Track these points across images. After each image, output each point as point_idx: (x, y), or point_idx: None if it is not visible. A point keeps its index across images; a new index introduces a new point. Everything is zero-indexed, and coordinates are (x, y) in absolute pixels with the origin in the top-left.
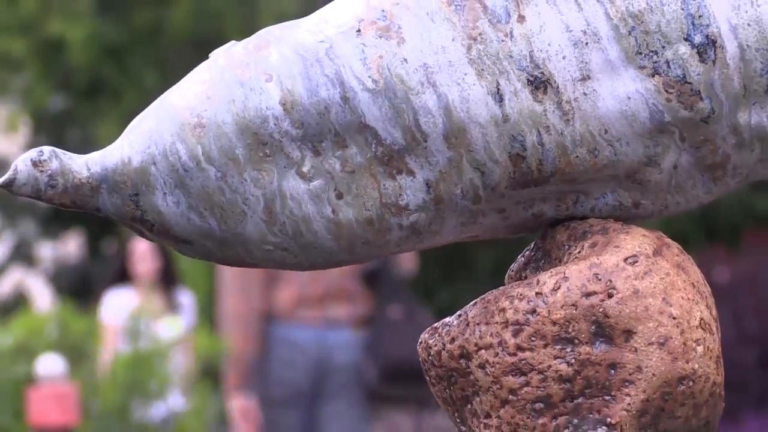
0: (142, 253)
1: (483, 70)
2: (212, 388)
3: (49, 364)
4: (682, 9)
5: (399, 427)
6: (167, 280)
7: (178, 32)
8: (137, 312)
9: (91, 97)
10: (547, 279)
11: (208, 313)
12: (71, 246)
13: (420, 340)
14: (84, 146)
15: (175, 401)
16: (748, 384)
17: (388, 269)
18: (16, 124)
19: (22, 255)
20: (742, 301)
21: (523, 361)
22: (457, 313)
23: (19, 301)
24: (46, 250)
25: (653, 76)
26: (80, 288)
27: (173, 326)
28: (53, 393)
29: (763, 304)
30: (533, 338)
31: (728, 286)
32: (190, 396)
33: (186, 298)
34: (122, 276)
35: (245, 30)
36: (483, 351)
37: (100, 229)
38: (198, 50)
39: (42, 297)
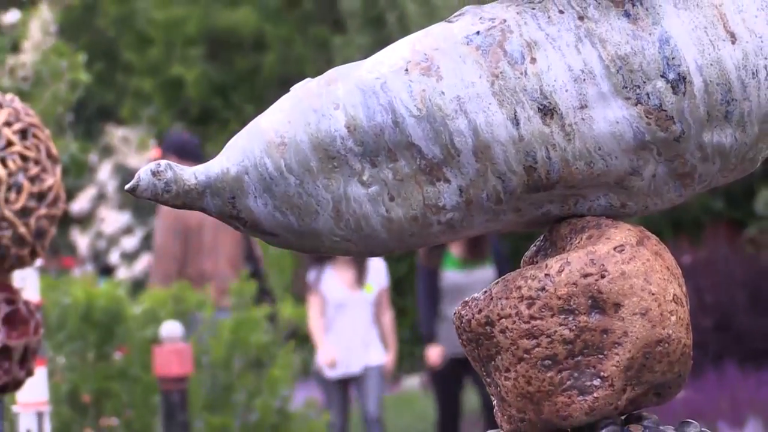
0: None
1: (503, 100)
2: (296, 348)
3: (171, 328)
4: (659, 52)
5: None
6: None
7: (270, 74)
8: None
9: (202, 124)
10: (554, 263)
11: (293, 289)
12: None
13: (455, 312)
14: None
15: (374, 355)
16: (707, 344)
17: None
18: (146, 144)
19: (150, 244)
20: (702, 280)
21: (534, 328)
22: (483, 290)
23: (147, 279)
24: None
25: (636, 105)
26: None
27: (368, 292)
28: (173, 350)
29: (717, 282)
30: (543, 310)
31: (691, 268)
32: (389, 350)
33: (379, 263)
34: (320, 257)
35: (322, 71)
36: (503, 320)
37: None
38: (286, 87)
39: None
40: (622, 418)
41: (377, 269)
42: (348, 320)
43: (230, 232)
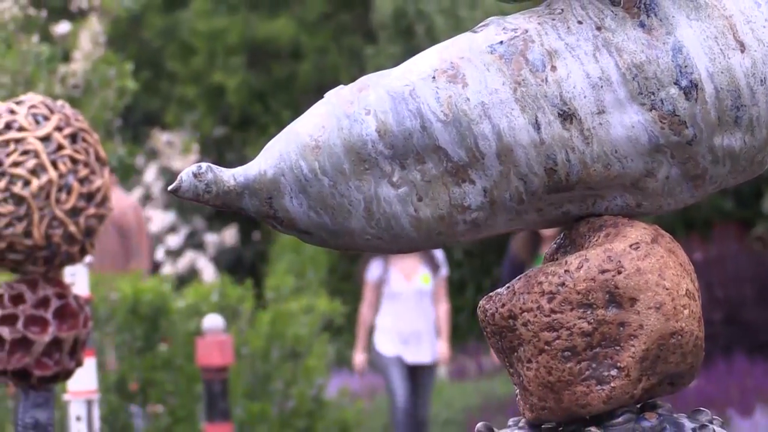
0: None
1: (525, 106)
2: (330, 339)
3: (212, 321)
4: (672, 61)
5: None
6: None
7: (306, 81)
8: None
9: (243, 129)
10: (573, 260)
11: (327, 284)
12: (229, 235)
13: (479, 305)
14: (238, 165)
15: (429, 350)
16: (717, 336)
17: None
18: (190, 148)
19: (193, 242)
20: (713, 276)
21: (555, 321)
22: (507, 285)
23: (191, 275)
24: (211, 238)
25: (651, 110)
26: (235, 266)
27: (425, 280)
28: (215, 342)
29: (727, 278)
30: (563, 304)
31: (702, 265)
32: (443, 341)
33: (440, 254)
34: None
35: (354, 79)
36: (525, 313)
37: (250, 223)
38: (321, 94)
39: (207, 272)
40: (638, 406)
41: (436, 260)
42: (403, 311)
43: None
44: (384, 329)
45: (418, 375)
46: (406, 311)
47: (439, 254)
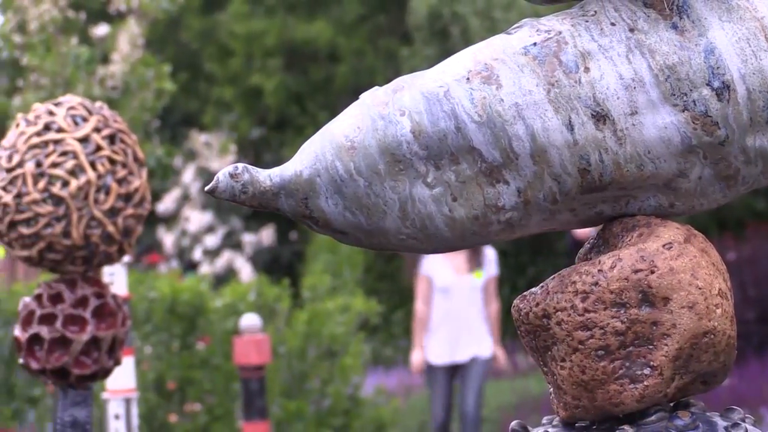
0: None
1: (559, 107)
2: (366, 338)
3: (250, 320)
4: (705, 62)
5: None
6: None
7: (343, 83)
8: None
9: (280, 130)
10: (607, 260)
11: (363, 283)
12: (266, 235)
13: (513, 305)
14: (275, 166)
15: (481, 347)
16: (750, 335)
17: None
18: (227, 149)
19: (231, 242)
20: (745, 275)
21: (588, 320)
22: (541, 284)
23: (228, 275)
24: (248, 238)
25: (683, 111)
26: (272, 265)
27: (476, 278)
28: (252, 341)
29: (760, 277)
30: (596, 303)
31: (735, 264)
32: (497, 340)
33: (491, 252)
34: None
35: (391, 80)
36: (559, 312)
37: (287, 223)
38: (357, 96)
39: (245, 272)
40: (671, 405)
41: (488, 257)
42: (454, 306)
43: None
44: (434, 328)
45: (469, 369)
46: (458, 307)
47: (489, 252)
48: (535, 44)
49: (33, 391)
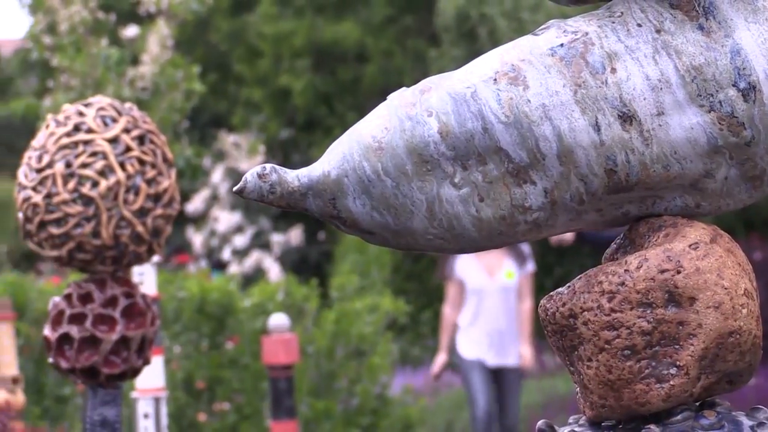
0: None
1: (585, 108)
2: (394, 338)
3: (278, 320)
4: (731, 63)
5: None
6: None
7: (371, 84)
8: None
9: (308, 130)
10: (633, 260)
11: (391, 283)
12: (294, 235)
13: (540, 305)
14: (303, 166)
15: (515, 352)
16: None
17: None
18: (256, 150)
19: (260, 242)
20: None
21: (615, 320)
22: (567, 284)
23: (257, 275)
24: (277, 238)
25: (710, 112)
26: (300, 265)
27: (509, 275)
28: (281, 340)
29: None
30: (622, 303)
31: (761, 265)
32: (524, 341)
33: (526, 247)
34: None
35: (418, 81)
36: (586, 312)
37: (315, 223)
38: (386, 96)
39: (273, 271)
40: (697, 404)
41: (523, 254)
42: (486, 308)
43: None
44: (466, 329)
45: (503, 379)
46: (489, 309)
47: (526, 248)
48: (561, 45)
49: (63, 391)
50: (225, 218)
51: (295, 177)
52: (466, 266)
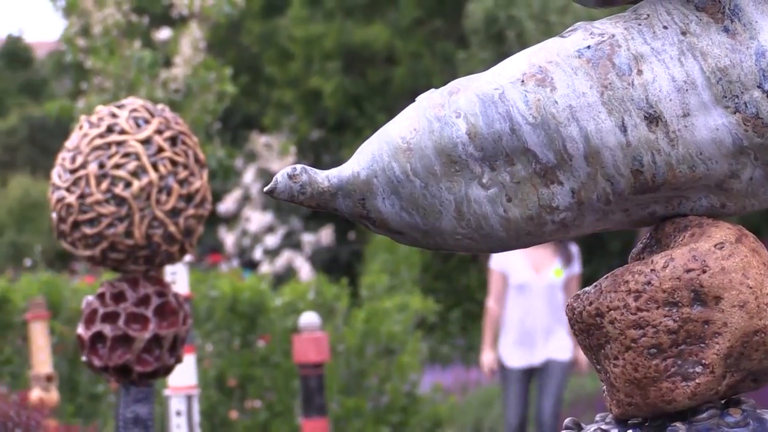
0: None
1: (612, 109)
2: (423, 336)
3: (309, 318)
4: (756, 65)
5: None
6: None
7: (400, 85)
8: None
9: (339, 131)
10: (659, 259)
11: (421, 282)
12: (325, 235)
13: (567, 303)
14: (334, 167)
15: (559, 348)
16: None
17: None
18: (287, 151)
19: (291, 242)
20: None
21: (641, 319)
22: (594, 284)
23: (288, 274)
24: (308, 238)
25: (735, 113)
26: (331, 265)
27: (558, 273)
28: (311, 339)
29: None
30: (649, 302)
31: None
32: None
33: (574, 248)
34: None
35: (447, 83)
36: (612, 311)
37: (345, 224)
38: (414, 98)
39: (304, 271)
40: (722, 402)
41: (569, 253)
42: (531, 305)
43: None
44: (509, 330)
45: (546, 375)
46: (534, 305)
47: (574, 249)
48: (588, 47)
49: (96, 388)
50: (256, 218)
51: (325, 177)
52: (512, 260)
